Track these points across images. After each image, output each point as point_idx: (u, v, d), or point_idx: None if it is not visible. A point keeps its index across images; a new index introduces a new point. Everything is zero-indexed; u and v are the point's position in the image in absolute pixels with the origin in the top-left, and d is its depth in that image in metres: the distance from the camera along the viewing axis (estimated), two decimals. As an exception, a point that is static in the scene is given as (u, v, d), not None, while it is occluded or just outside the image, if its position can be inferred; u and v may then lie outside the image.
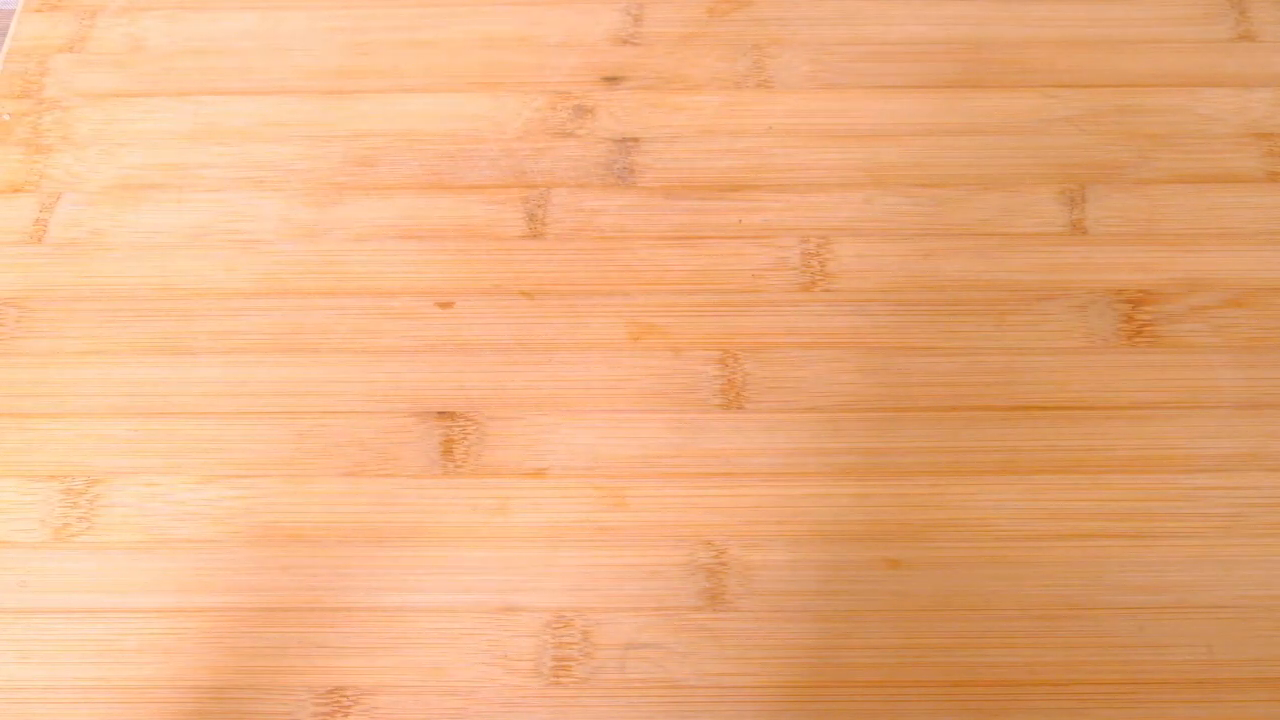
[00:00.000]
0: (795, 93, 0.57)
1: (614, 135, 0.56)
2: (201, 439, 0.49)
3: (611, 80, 0.58)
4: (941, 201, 0.53)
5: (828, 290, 0.51)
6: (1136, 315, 0.50)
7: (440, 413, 0.49)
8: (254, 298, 0.52)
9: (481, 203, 0.54)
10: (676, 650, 0.44)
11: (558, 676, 0.44)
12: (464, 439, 0.48)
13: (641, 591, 0.45)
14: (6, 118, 0.58)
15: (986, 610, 0.44)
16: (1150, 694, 0.43)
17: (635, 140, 0.56)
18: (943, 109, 0.56)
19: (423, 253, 0.53)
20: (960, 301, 0.51)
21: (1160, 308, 0.51)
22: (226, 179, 0.55)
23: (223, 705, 0.44)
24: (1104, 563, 0.45)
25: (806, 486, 0.47)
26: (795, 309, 0.51)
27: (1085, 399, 0.49)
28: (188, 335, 0.51)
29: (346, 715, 0.43)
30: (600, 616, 0.45)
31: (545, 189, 0.54)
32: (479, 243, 0.53)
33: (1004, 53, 0.58)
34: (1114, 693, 0.43)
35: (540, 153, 0.55)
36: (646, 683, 0.44)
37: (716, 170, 0.55)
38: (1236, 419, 0.48)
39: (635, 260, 0.52)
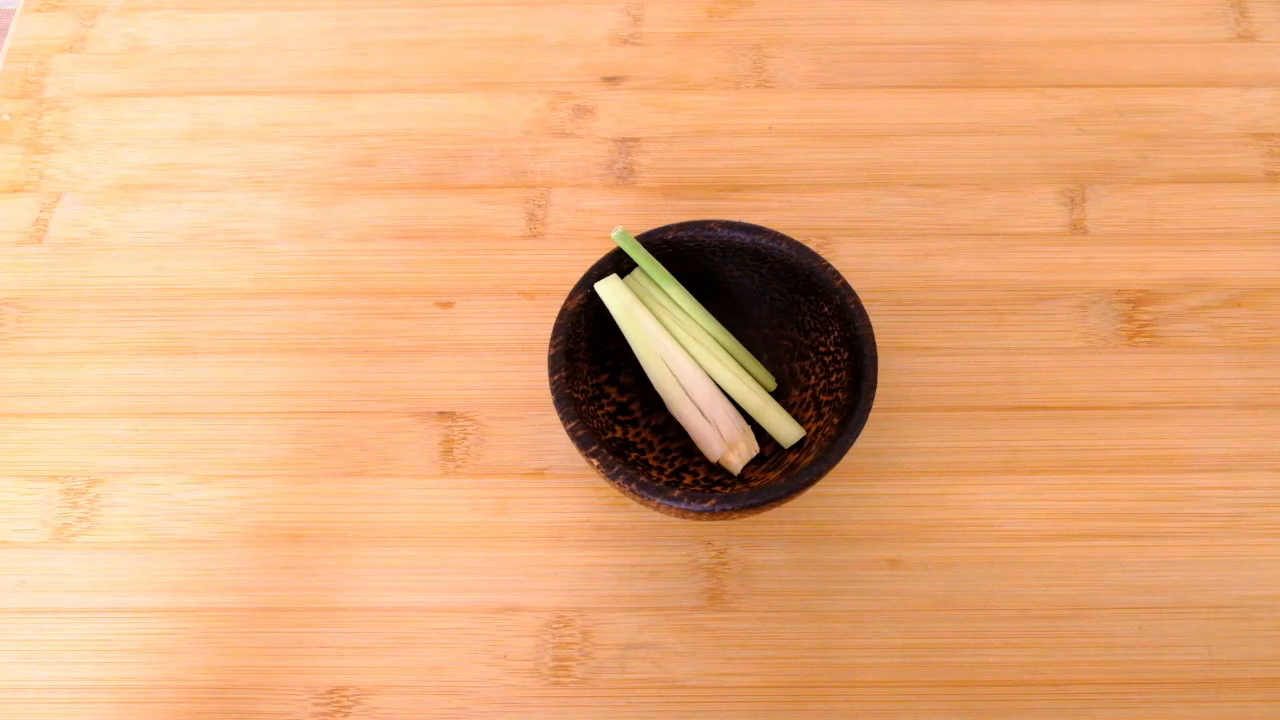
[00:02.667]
0: (795, 93, 0.57)
1: (614, 135, 0.56)
2: (201, 439, 0.49)
3: (611, 80, 0.58)
4: (941, 201, 0.53)
5: (828, 290, 0.51)
6: (1136, 315, 0.50)
7: (440, 413, 0.49)
8: (253, 298, 0.52)
9: (481, 203, 0.54)
10: (676, 650, 0.44)
11: (558, 676, 0.44)
12: (464, 439, 0.48)
13: (641, 591, 0.45)
14: (6, 118, 0.58)
15: (986, 610, 0.44)
16: (1150, 694, 0.43)
17: (635, 140, 0.56)
18: (943, 109, 0.56)
19: (423, 253, 0.53)
20: (960, 301, 0.51)
21: (1160, 308, 0.51)
22: (226, 179, 0.55)
23: (223, 705, 0.44)
24: (1104, 563, 0.45)
25: (806, 486, 0.47)
26: (795, 309, 0.51)
27: (1085, 399, 0.49)
28: (188, 335, 0.51)
29: (346, 715, 0.43)
30: (600, 616, 0.45)
31: (545, 189, 0.54)
32: (479, 243, 0.53)
33: (1004, 53, 0.58)
34: (1114, 693, 0.43)
35: (540, 153, 0.55)
36: (646, 683, 0.44)
37: (716, 170, 0.55)
38: (1236, 419, 0.48)
39: (635, 260, 0.52)
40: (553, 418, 0.48)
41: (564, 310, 0.44)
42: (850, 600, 0.45)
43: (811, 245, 0.51)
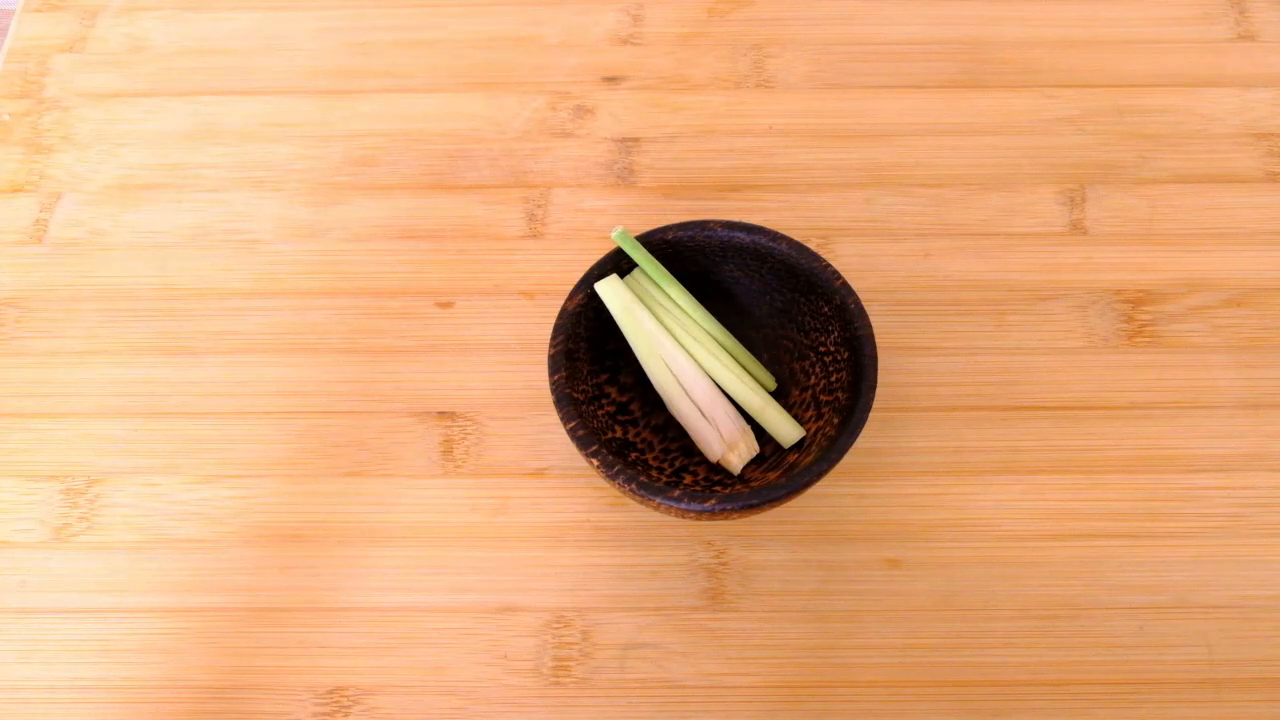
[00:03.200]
0: (795, 93, 0.57)
1: (614, 135, 0.56)
2: (201, 439, 0.49)
3: (611, 80, 0.58)
4: (941, 201, 0.53)
5: (828, 290, 0.51)
6: (1136, 315, 0.50)
7: (440, 413, 0.49)
8: (254, 298, 0.52)
9: (481, 203, 0.54)
10: (676, 650, 0.44)
11: (558, 676, 0.44)
12: (464, 439, 0.48)
13: (641, 591, 0.45)
14: (6, 118, 0.58)
15: (986, 610, 0.44)
16: (1150, 694, 0.43)
17: (635, 140, 0.56)
18: (943, 109, 0.56)
19: (423, 253, 0.53)
20: (960, 301, 0.51)
21: (1160, 308, 0.51)
22: (226, 179, 0.55)
23: (223, 705, 0.44)
24: (1104, 563, 0.45)
25: (806, 486, 0.47)
26: (795, 309, 0.51)
27: (1085, 399, 0.49)
28: (188, 335, 0.51)
29: (346, 715, 0.43)
30: (600, 616, 0.45)
31: (545, 189, 0.54)
32: (479, 243, 0.53)
33: (1004, 53, 0.58)
34: (1114, 693, 0.43)
35: (540, 153, 0.55)
36: (646, 683, 0.44)
37: (716, 170, 0.55)
38: (1236, 419, 0.48)
39: (635, 260, 0.52)
40: (553, 418, 0.48)
41: (564, 310, 0.44)
42: (850, 600, 0.45)
43: (811, 245, 0.51)
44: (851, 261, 0.52)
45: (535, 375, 0.49)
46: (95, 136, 0.57)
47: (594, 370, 0.45)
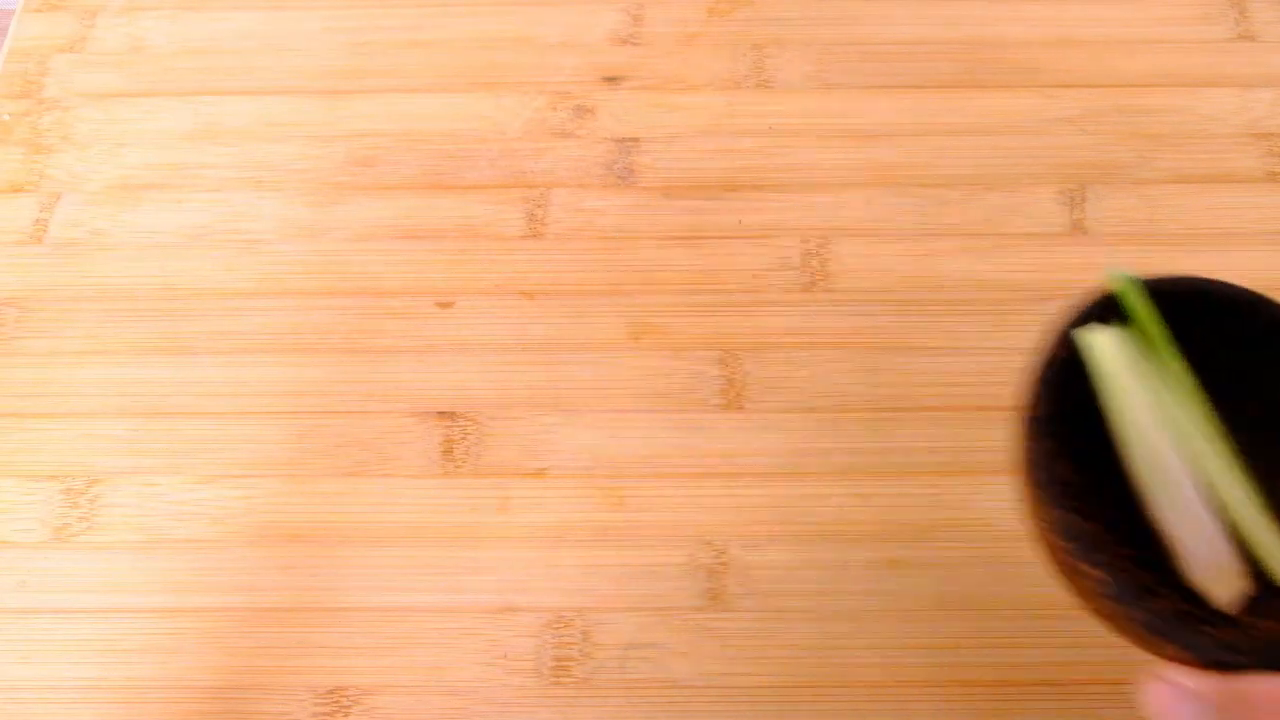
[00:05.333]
0: (795, 93, 0.57)
1: (614, 135, 0.56)
2: (201, 439, 0.49)
3: (611, 80, 0.58)
4: (941, 201, 0.53)
5: (828, 290, 0.51)
6: (1136, 315, 0.50)
7: (440, 413, 0.49)
8: (254, 298, 0.52)
9: (481, 203, 0.54)
10: (676, 650, 0.44)
11: (558, 676, 0.44)
12: (464, 439, 0.48)
13: (641, 591, 0.45)
14: (6, 118, 0.58)
15: (986, 610, 0.44)
16: (1150, 694, 0.43)
17: (635, 140, 0.56)
18: (943, 109, 0.56)
19: (423, 253, 0.53)
20: (960, 301, 0.51)
21: (1160, 308, 0.50)
22: (226, 179, 0.55)
23: (223, 705, 0.44)
24: (1104, 563, 0.45)
25: (806, 486, 0.47)
26: (795, 309, 0.51)
27: (1085, 399, 0.48)
28: (188, 335, 0.51)
29: (346, 715, 0.43)
30: (600, 616, 0.45)
31: (545, 189, 0.54)
32: (479, 243, 0.53)
33: (1004, 53, 0.58)
34: (1113, 693, 0.43)
35: (540, 153, 0.55)
36: (646, 683, 0.44)
37: (716, 170, 0.55)
38: (1236, 419, 0.48)
39: (635, 260, 0.52)
40: (553, 418, 0.48)
41: (1053, 359, 0.35)
42: (850, 600, 0.45)
43: (811, 245, 0.51)
44: (851, 262, 0.52)
45: (535, 375, 0.49)
46: (95, 136, 0.57)
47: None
